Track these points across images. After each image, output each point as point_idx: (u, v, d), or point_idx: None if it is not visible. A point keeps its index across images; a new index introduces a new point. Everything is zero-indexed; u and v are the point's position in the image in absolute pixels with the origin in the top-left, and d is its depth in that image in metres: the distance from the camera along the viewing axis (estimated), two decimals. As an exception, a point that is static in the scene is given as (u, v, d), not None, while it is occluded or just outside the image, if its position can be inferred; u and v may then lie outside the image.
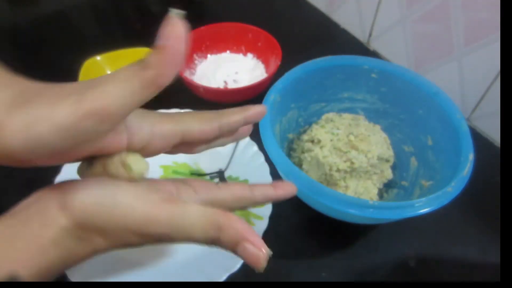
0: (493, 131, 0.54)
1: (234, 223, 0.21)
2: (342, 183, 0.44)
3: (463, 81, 0.55)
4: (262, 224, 0.41)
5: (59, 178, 0.44)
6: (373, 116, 0.51)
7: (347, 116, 0.50)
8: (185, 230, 0.21)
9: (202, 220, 0.21)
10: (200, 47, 0.63)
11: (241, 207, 0.26)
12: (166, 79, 0.20)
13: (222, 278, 0.37)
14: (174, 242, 0.22)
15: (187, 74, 0.60)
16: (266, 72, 0.61)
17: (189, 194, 0.24)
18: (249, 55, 0.64)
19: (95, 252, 0.23)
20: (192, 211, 0.21)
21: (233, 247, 0.21)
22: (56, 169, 0.45)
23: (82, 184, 0.22)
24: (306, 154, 0.46)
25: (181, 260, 0.41)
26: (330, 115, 0.50)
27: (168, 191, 0.24)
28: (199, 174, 0.49)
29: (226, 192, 0.25)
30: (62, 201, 0.21)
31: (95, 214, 0.21)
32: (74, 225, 0.21)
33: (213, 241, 0.22)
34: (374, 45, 0.69)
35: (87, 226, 0.21)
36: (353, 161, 0.43)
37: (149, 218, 0.21)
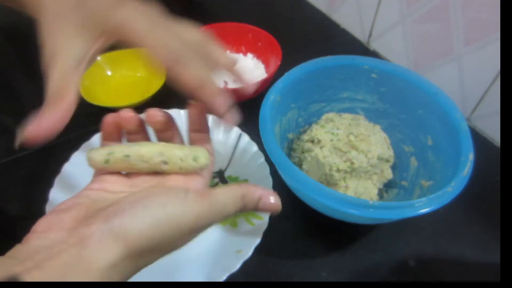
0: (493, 131, 0.54)
1: (250, 188, 0.26)
2: (342, 183, 0.44)
3: (463, 81, 0.55)
4: (262, 224, 0.41)
5: (59, 178, 0.44)
6: (373, 116, 0.51)
7: (347, 116, 0.50)
8: (223, 211, 0.25)
9: (230, 197, 0.25)
10: (200, 47, 0.63)
11: None
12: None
13: (222, 278, 0.37)
14: (214, 224, 0.25)
15: (187, 74, 0.60)
16: (266, 72, 0.61)
17: (198, 181, 0.27)
18: (249, 55, 0.64)
19: (142, 268, 0.23)
20: (221, 194, 0.25)
21: (256, 208, 0.26)
22: (56, 170, 0.45)
23: (122, 212, 0.21)
24: (306, 154, 0.46)
25: (181, 260, 0.41)
26: (330, 115, 0.50)
27: (182, 186, 0.26)
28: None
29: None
30: (110, 236, 0.20)
31: (154, 235, 0.21)
32: (125, 257, 0.20)
33: (241, 209, 0.26)
34: (374, 45, 0.69)
35: (142, 251, 0.21)
36: (353, 161, 0.43)
37: (197, 216, 0.23)
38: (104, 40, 0.26)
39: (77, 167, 0.46)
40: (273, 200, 0.26)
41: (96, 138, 0.49)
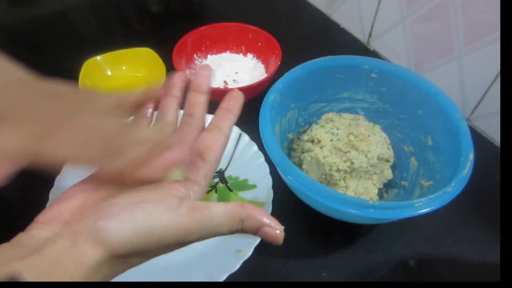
0: (493, 131, 0.54)
1: (252, 213, 0.24)
2: (342, 183, 0.44)
3: (463, 81, 0.55)
4: (262, 224, 0.41)
5: (59, 178, 0.44)
6: (373, 116, 0.51)
7: (347, 116, 0.50)
8: (215, 230, 0.23)
9: (227, 217, 0.23)
10: (200, 47, 0.63)
11: None
12: None
13: (222, 278, 0.37)
14: (203, 239, 0.24)
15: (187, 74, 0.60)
16: (266, 72, 0.62)
17: (195, 190, 0.25)
18: (249, 55, 0.64)
19: (131, 267, 0.23)
20: (216, 212, 0.23)
21: (254, 233, 0.24)
22: (56, 170, 0.45)
23: (110, 215, 0.22)
24: (306, 154, 0.46)
25: (181, 260, 0.41)
26: (330, 115, 0.50)
27: (182, 192, 0.25)
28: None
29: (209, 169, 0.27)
30: (94, 238, 0.21)
31: (133, 244, 0.21)
32: (110, 258, 0.21)
33: (237, 231, 0.24)
34: (374, 45, 0.69)
35: (124, 255, 0.22)
36: (353, 161, 0.43)
37: (184, 231, 0.22)
38: None
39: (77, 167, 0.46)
40: (276, 233, 0.24)
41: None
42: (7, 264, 0.19)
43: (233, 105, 0.30)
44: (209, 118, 0.30)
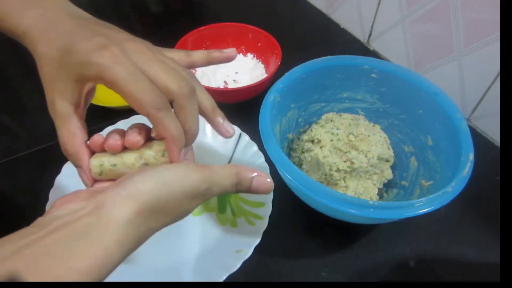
0: (493, 131, 0.54)
1: (245, 169, 0.28)
2: (342, 183, 0.44)
3: (463, 81, 0.55)
4: (262, 224, 0.42)
5: (59, 178, 0.44)
6: (373, 116, 0.51)
7: (347, 116, 0.50)
8: (219, 182, 0.27)
9: (226, 172, 0.27)
10: (200, 47, 0.63)
11: None
12: None
13: (222, 278, 0.37)
14: (214, 195, 0.27)
15: (187, 74, 0.60)
16: (266, 72, 0.61)
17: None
18: (249, 55, 0.64)
19: (154, 232, 0.24)
20: (218, 169, 0.27)
21: (250, 184, 0.28)
22: (56, 170, 0.45)
23: (135, 176, 0.24)
24: (306, 154, 0.46)
25: (181, 260, 0.41)
26: (330, 115, 0.50)
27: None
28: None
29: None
30: (121, 195, 0.22)
31: (161, 194, 0.23)
32: (138, 214, 0.22)
33: (237, 184, 0.28)
34: (374, 45, 0.69)
35: (152, 209, 0.23)
36: (353, 161, 0.43)
37: (198, 180, 0.25)
38: (91, 85, 0.27)
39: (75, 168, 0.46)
40: (265, 179, 0.28)
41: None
42: (31, 242, 0.19)
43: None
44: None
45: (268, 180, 0.29)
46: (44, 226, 0.21)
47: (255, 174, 0.28)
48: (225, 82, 0.61)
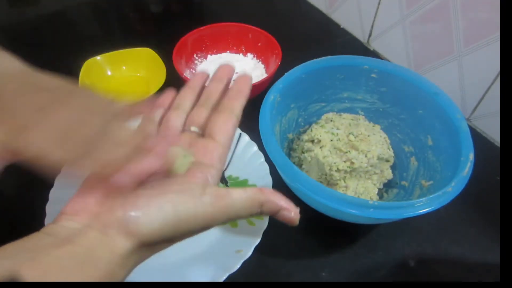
0: (493, 131, 0.54)
1: (271, 197, 0.25)
2: (342, 183, 0.44)
3: (463, 81, 0.55)
4: (262, 224, 0.42)
5: (59, 178, 0.44)
6: (373, 116, 0.51)
7: (347, 116, 0.50)
8: (236, 215, 0.24)
9: (247, 203, 0.25)
10: (200, 47, 0.63)
11: None
12: None
13: (222, 278, 0.37)
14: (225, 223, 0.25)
15: (187, 74, 0.60)
16: (266, 72, 0.61)
17: (212, 174, 0.26)
18: (249, 55, 0.64)
19: (158, 252, 0.24)
20: (237, 198, 0.24)
21: (272, 215, 0.26)
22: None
23: (138, 207, 0.22)
24: (306, 154, 0.46)
25: (181, 260, 0.41)
26: (330, 115, 0.50)
27: (201, 178, 0.25)
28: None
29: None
30: (125, 229, 0.22)
31: (162, 233, 0.22)
32: (140, 246, 0.22)
33: (256, 215, 0.25)
34: (374, 45, 0.69)
35: (153, 243, 0.23)
36: (353, 161, 0.43)
37: (208, 218, 0.23)
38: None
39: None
40: (293, 216, 0.25)
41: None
42: (44, 251, 0.20)
43: (243, 87, 0.30)
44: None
45: (293, 214, 0.25)
46: (55, 236, 0.21)
47: (282, 203, 0.25)
48: (225, 82, 0.61)
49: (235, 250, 0.40)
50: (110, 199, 0.23)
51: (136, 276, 0.38)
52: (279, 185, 0.44)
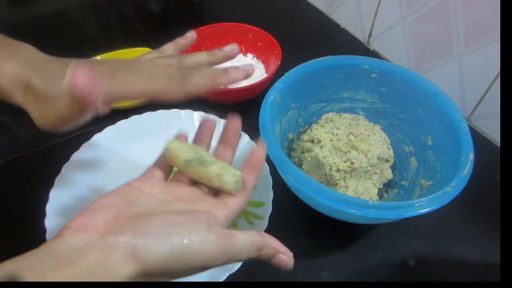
0: (493, 131, 0.54)
1: (269, 242, 0.26)
2: (342, 183, 0.44)
3: (463, 81, 0.55)
4: (262, 224, 0.41)
5: (59, 178, 0.44)
6: (373, 116, 0.51)
7: (347, 116, 0.50)
8: (236, 257, 0.25)
9: (248, 245, 0.26)
10: (200, 47, 0.63)
11: None
12: None
13: (222, 278, 0.37)
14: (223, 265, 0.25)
15: (187, 74, 0.60)
16: (266, 72, 0.61)
17: (215, 221, 0.27)
18: (249, 55, 0.64)
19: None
20: (240, 241, 0.25)
21: (269, 259, 0.27)
22: (56, 170, 0.45)
23: (148, 234, 0.23)
24: (306, 154, 0.46)
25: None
26: (330, 115, 0.50)
27: (205, 220, 0.26)
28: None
29: None
30: (130, 254, 0.22)
31: (166, 264, 0.22)
32: (141, 274, 0.22)
33: (254, 258, 0.26)
34: (374, 45, 0.69)
35: (156, 273, 0.23)
36: (353, 161, 0.43)
37: (211, 257, 0.24)
38: None
39: (77, 167, 0.46)
40: (288, 259, 0.27)
41: (96, 138, 0.49)
42: (40, 274, 0.19)
43: (257, 162, 0.31)
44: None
45: (287, 258, 0.27)
46: (56, 256, 0.21)
47: (279, 247, 0.27)
48: (225, 82, 0.61)
49: (235, 250, 0.40)
50: (119, 222, 0.23)
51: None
52: (279, 185, 0.44)
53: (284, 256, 0.27)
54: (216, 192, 0.29)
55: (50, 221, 0.40)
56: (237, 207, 0.28)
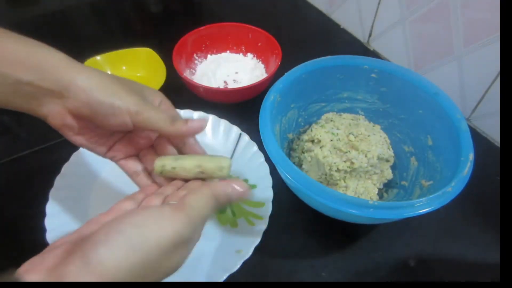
0: (493, 131, 0.54)
1: (220, 187, 0.27)
2: (342, 183, 0.44)
3: (463, 81, 0.55)
4: (262, 224, 0.42)
5: (59, 178, 0.44)
6: (373, 116, 0.51)
7: (347, 116, 0.50)
8: (201, 215, 0.25)
9: (204, 201, 0.26)
10: (200, 47, 0.63)
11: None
12: None
13: (222, 278, 0.37)
14: (201, 230, 0.26)
15: (187, 74, 0.60)
16: (266, 72, 0.61)
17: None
18: (249, 55, 0.64)
19: None
20: (195, 201, 0.25)
21: (230, 201, 0.28)
22: (56, 170, 0.45)
23: (97, 243, 0.21)
24: (306, 154, 0.46)
25: (181, 260, 0.41)
26: (330, 115, 0.50)
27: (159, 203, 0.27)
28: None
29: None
30: (87, 269, 0.20)
31: (133, 263, 0.21)
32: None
33: (217, 207, 0.27)
34: (374, 45, 0.69)
35: (125, 279, 0.21)
36: (353, 161, 0.43)
37: (178, 229, 0.23)
38: None
39: (77, 167, 0.46)
40: (239, 187, 0.28)
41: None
42: None
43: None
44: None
45: (240, 189, 0.28)
46: None
47: (229, 190, 0.27)
48: (225, 82, 0.61)
49: (235, 250, 0.40)
50: (71, 254, 0.21)
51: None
52: (279, 185, 0.44)
53: (236, 188, 0.28)
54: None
55: (50, 221, 0.40)
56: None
